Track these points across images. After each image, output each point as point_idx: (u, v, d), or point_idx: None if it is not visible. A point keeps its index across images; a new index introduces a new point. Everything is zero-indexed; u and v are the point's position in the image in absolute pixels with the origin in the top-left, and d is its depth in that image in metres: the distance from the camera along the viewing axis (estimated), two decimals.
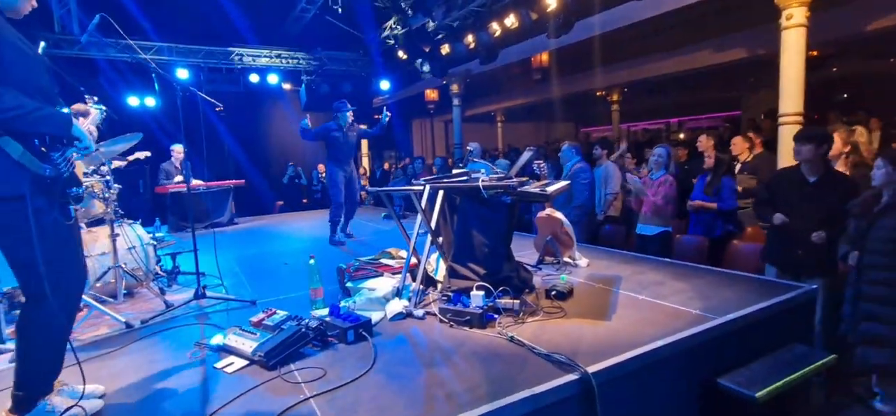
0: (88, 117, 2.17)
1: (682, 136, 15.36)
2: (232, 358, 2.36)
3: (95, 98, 2.31)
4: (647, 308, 2.76)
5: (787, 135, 5.02)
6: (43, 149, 1.71)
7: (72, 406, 1.83)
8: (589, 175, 4.90)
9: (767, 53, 7.84)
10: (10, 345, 2.67)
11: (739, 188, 4.69)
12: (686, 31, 9.53)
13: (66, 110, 1.87)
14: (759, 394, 2.15)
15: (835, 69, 11.14)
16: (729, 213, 4.45)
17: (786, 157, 4.93)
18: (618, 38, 8.98)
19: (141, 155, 4.64)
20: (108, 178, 3.46)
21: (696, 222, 4.69)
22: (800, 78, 5.02)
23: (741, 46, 9.02)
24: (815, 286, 2.92)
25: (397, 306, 2.85)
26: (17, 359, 1.81)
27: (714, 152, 4.71)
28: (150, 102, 9.24)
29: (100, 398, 2.01)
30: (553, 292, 2.97)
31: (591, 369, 1.97)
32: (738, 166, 5.10)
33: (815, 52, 8.96)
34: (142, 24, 8.26)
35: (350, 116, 5.66)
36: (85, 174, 3.16)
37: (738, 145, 5.02)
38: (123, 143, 3.43)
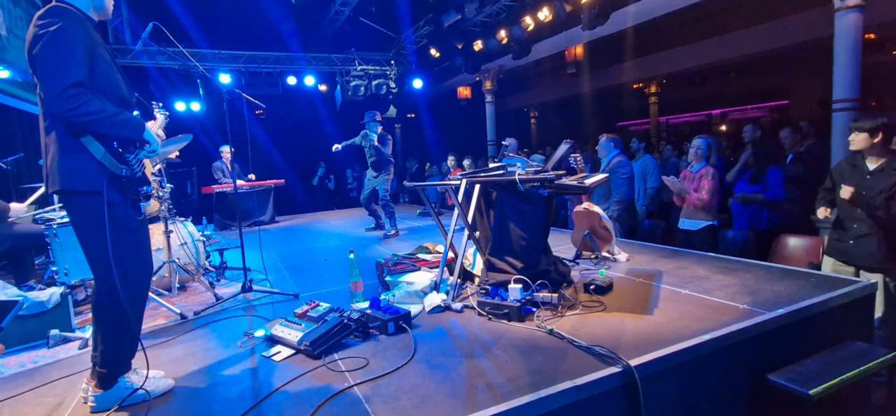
0: (156, 121, 2.33)
1: (723, 128, 14.76)
2: (279, 347, 2.46)
3: (160, 104, 2.48)
4: (691, 303, 2.69)
5: (841, 123, 4.76)
6: (120, 151, 1.87)
7: (138, 389, 1.98)
8: (628, 169, 4.77)
9: (818, 38, 7.43)
10: (79, 333, 2.88)
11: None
12: (729, 18, 9.14)
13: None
14: (813, 391, 2.06)
15: (895, 53, 10.41)
16: (776, 204, 4.25)
17: (839, 146, 4.67)
18: (656, 28, 8.71)
19: (174, 154, 4.86)
20: (161, 177, 3.67)
21: (739, 215, 4.51)
22: (855, 63, 4.74)
23: (790, 31, 8.58)
24: (874, 281, 2.76)
25: (436, 299, 2.90)
26: (94, 341, 1.97)
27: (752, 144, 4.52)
28: (195, 106, 9.68)
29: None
30: (592, 287, 2.94)
31: (635, 362, 1.95)
32: (789, 157, 4.86)
33: (871, 35, 8.41)
34: (188, 32, 8.67)
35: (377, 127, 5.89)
36: (153, 175, 3.37)
37: (788, 135, 4.79)
38: (175, 144, 3.62)
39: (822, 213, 3.25)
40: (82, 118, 1.73)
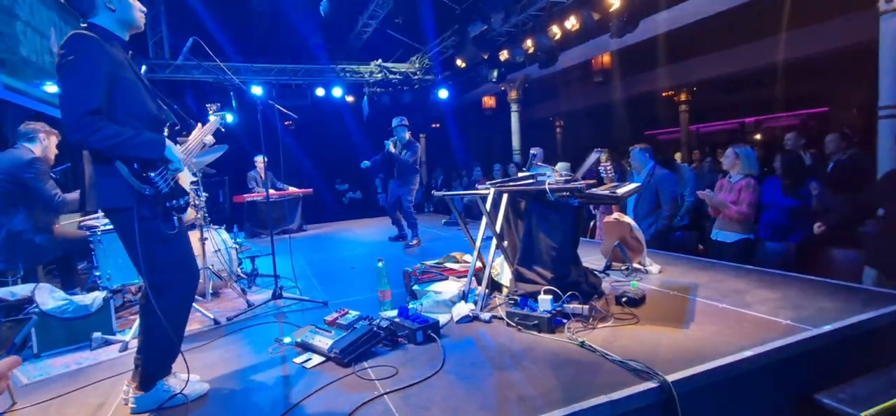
0: (209, 124, 2.38)
1: (758, 136, 14.26)
2: (309, 354, 2.49)
3: (217, 105, 2.50)
4: (729, 317, 2.59)
5: (887, 130, 4.54)
6: (142, 173, 1.92)
7: (176, 394, 2.03)
8: (676, 183, 4.59)
9: (860, 42, 7.13)
10: (119, 336, 2.98)
11: None
12: (763, 23, 8.87)
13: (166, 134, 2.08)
14: (865, 414, 1.94)
15: None
16: (809, 216, 4.07)
17: (887, 154, 4.45)
18: (686, 35, 8.52)
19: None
20: (197, 187, 3.79)
21: (766, 226, 4.32)
22: None
23: (829, 36, 8.26)
24: None
25: (464, 308, 2.88)
26: (139, 344, 2.05)
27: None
28: (229, 117, 10.00)
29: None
30: (624, 299, 2.86)
31: (672, 377, 1.89)
32: (830, 165, 4.66)
33: None
34: (221, 46, 8.98)
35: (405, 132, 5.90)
36: (191, 183, 3.48)
37: (834, 140, 4.55)
38: (211, 154, 3.73)
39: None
40: (98, 144, 1.80)
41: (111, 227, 3.37)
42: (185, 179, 2.14)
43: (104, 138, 1.80)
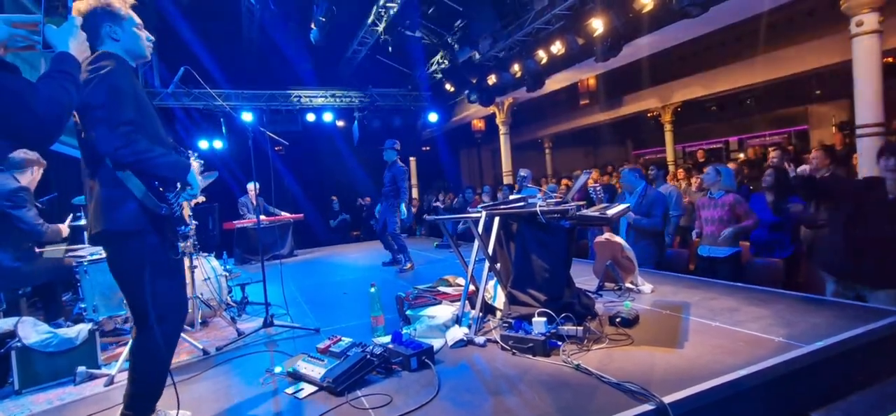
0: (193, 167, 2.41)
1: (742, 156, 14.57)
2: (301, 384, 2.44)
3: (196, 153, 2.54)
4: (722, 335, 2.60)
5: (867, 146, 4.68)
6: (160, 189, 1.89)
7: None
8: (665, 201, 4.62)
9: (838, 63, 7.39)
10: (105, 370, 2.90)
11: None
12: (742, 46, 9.17)
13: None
14: None
15: None
16: (795, 231, 4.15)
17: (866, 169, 4.57)
18: (669, 57, 8.78)
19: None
20: (189, 214, 3.76)
21: (752, 242, 4.39)
22: (876, 86, 4.70)
23: (805, 58, 8.55)
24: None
25: (458, 333, 2.85)
26: (128, 382, 1.96)
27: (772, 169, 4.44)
28: (218, 144, 9.97)
29: None
30: (618, 319, 2.86)
31: (668, 399, 1.88)
32: None
33: (890, 59, 8.34)
34: (211, 73, 9.01)
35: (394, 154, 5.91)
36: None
37: (819, 158, 4.65)
38: (205, 181, 3.71)
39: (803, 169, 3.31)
40: (131, 156, 1.77)
41: (97, 257, 3.32)
42: (186, 209, 2.12)
43: (137, 151, 1.78)
